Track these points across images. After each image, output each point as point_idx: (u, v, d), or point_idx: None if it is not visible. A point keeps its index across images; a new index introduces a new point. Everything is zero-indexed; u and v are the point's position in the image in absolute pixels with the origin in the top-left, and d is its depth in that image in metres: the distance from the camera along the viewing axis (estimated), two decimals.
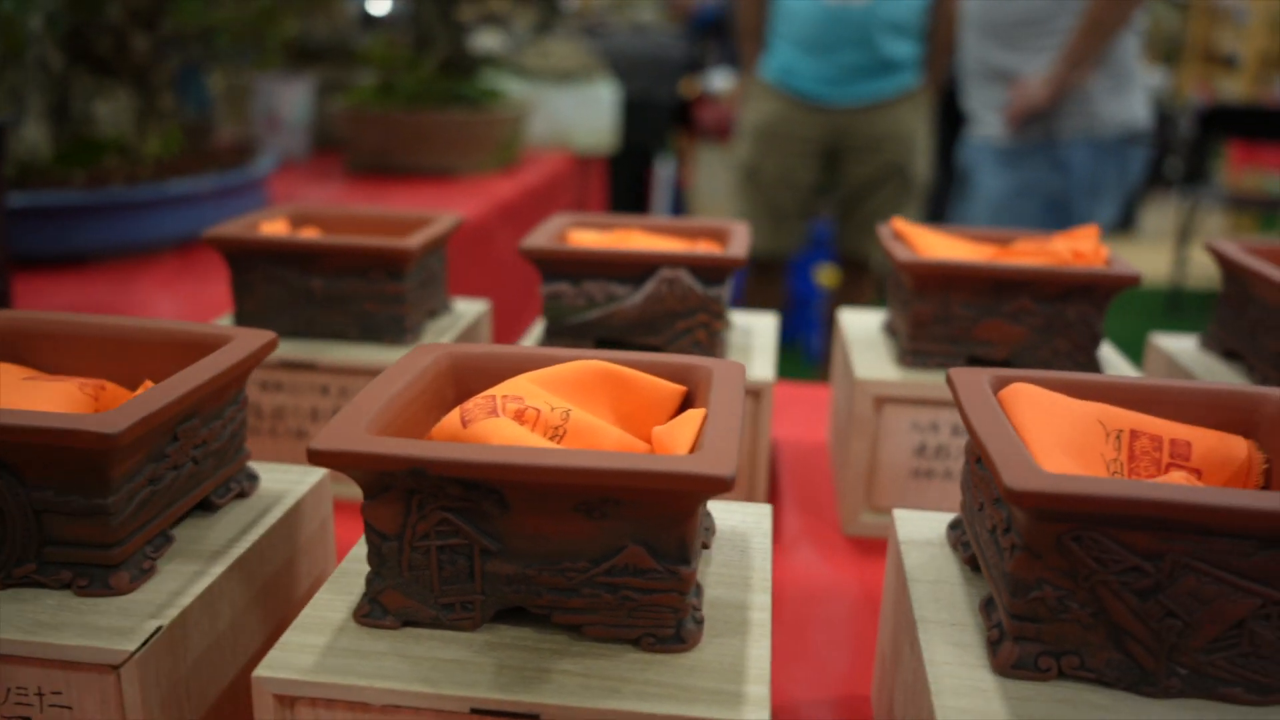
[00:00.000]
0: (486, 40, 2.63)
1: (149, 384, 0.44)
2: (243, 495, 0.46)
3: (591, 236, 0.68)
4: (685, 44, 3.27)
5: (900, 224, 0.66)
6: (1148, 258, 4.06)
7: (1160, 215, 4.63)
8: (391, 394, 0.39)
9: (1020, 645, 0.35)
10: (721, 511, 0.45)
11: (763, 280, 2.22)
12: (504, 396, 0.39)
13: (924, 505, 0.61)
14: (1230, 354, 0.67)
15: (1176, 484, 0.32)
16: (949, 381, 0.41)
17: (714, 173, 3.28)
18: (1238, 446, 0.40)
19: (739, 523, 0.45)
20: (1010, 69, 1.86)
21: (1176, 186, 4.02)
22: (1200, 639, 0.33)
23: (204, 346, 0.44)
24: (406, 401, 0.40)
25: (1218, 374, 0.65)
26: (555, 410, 0.39)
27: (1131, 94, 1.87)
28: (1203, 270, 3.76)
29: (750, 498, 0.64)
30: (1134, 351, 0.79)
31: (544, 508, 0.35)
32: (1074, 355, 0.61)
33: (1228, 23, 4.75)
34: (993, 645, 0.36)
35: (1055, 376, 0.41)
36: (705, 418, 0.37)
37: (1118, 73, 1.85)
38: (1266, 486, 0.40)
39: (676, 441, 0.37)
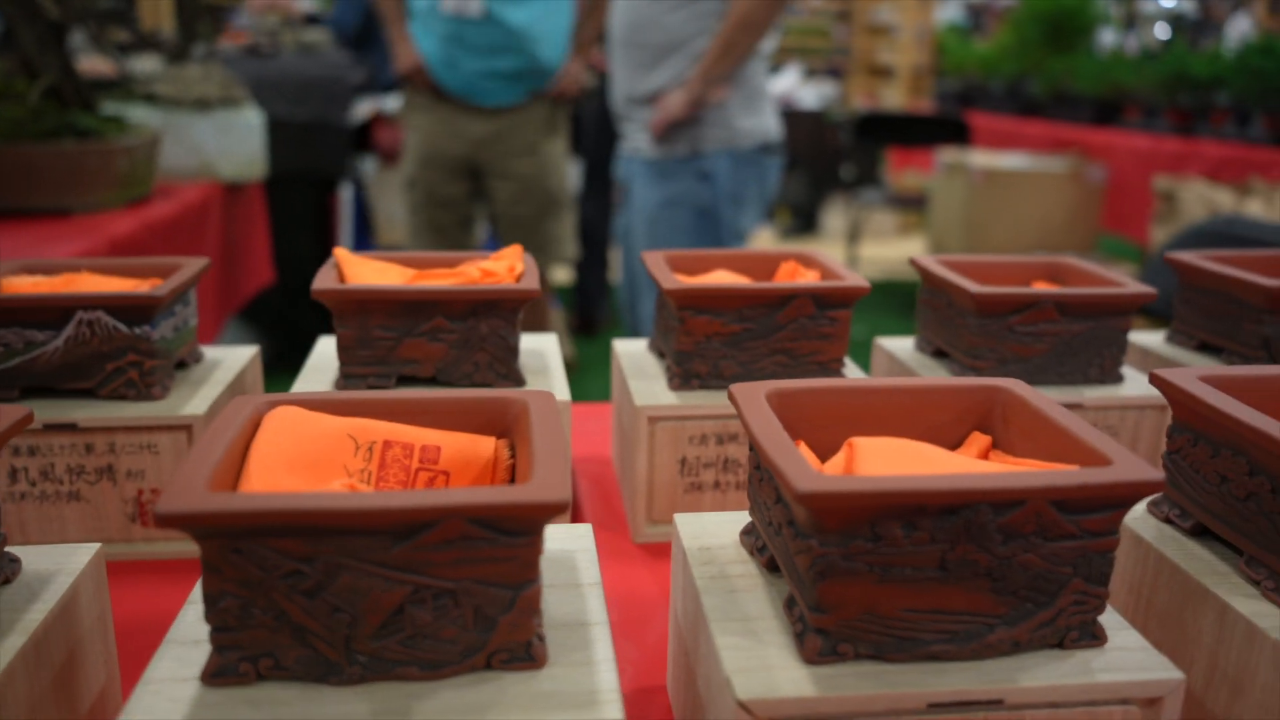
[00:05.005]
0: (142, 64, 2.49)
1: None
2: None
3: (30, 283, 0.67)
4: (361, 66, 3.23)
5: (341, 253, 0.69)
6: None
7: (840, 217, 5.02)
8: None
9: (222, 655, 0.37)
10: (36, 555, 0.46)
11: None
12: None
13: None
14: (661, 354, 0.74)
15: (309, 493, 0.36)
16: (224, 411, 0.44)
17: (396, 194, 3.26)
18: (485, 446, 0.45)
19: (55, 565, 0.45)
20: (655, 88, 1.98)
21: (850, 189, 4.37)
22: (368, 628, 0.37)
23: None
24: None
25: (650, 371, 0.72)
26: None
27: (763, 110, 2.04)
28: (873, 266, 4.12)
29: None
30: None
31: None
32: (494, 366, 0.66)
33: (885, 37, 5.23)
34: (213, 654, 0.38)
35: (322, 397, 0.45)
36: None
37: (750, 92, 2.01)
38: (513, 479, 0.45)
39: None
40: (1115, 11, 4.50)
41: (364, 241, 3.38)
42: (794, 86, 4.75)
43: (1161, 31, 5.05)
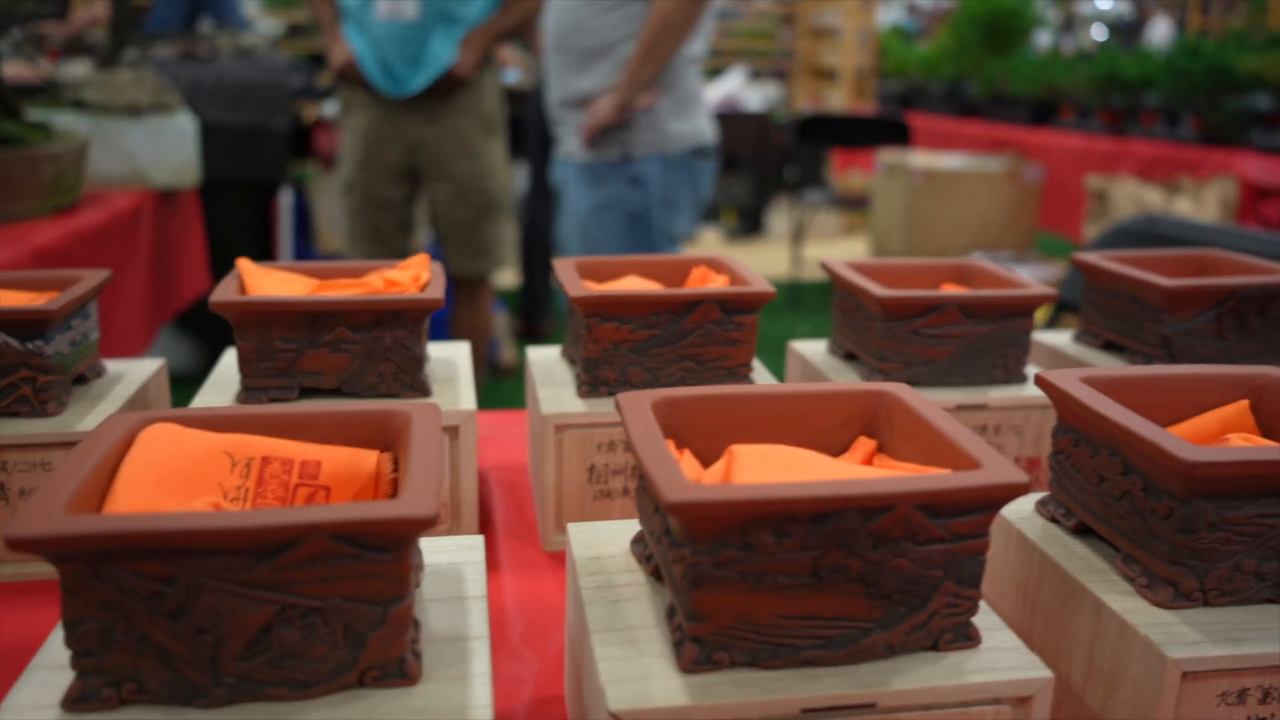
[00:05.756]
0: (71, 69, 2.45)
1: None
2: None
3: None
4: (301, 70, 3.20)
5: (244, 264, 0.68)
6: (773, 257, 4.43)
7: (786, 218, 5.05)
8: None
9: (84, 680, 0.36)
10: None
11: None
12: None
13: None
14: (572, 361, 0.74)
15: (165, 513, 0.35)
16: (95, 430, 0.43)
17: (338, 199, 3.23)
18: (368, 460, 0.44)
19: None
20: (586, 93, 1.99)
21: (794, 190, 4.40)
22: (234, 648, 0.36)
23: None
24: None
25: (560, 379, 0.72)
26: None
27: (696, 114, 2.05)
28: (819, 267, 4.15)
29: None
30: (772, 346, 0.71)
31: None
32: (399, 377, 0.65)
33: (829, 39, 5.27)
34: (75, 679, 0.37)
35: (201, 413, 0.44)
36: None
37: (682, 95, 2.01)
38: (396, 493, 0.44)
39: None
40: (1052, 14, 4.58)
41: (305, 248, 3.34)
42: (739, 89, 4.78)
43: (1098, 33, 5.16)
